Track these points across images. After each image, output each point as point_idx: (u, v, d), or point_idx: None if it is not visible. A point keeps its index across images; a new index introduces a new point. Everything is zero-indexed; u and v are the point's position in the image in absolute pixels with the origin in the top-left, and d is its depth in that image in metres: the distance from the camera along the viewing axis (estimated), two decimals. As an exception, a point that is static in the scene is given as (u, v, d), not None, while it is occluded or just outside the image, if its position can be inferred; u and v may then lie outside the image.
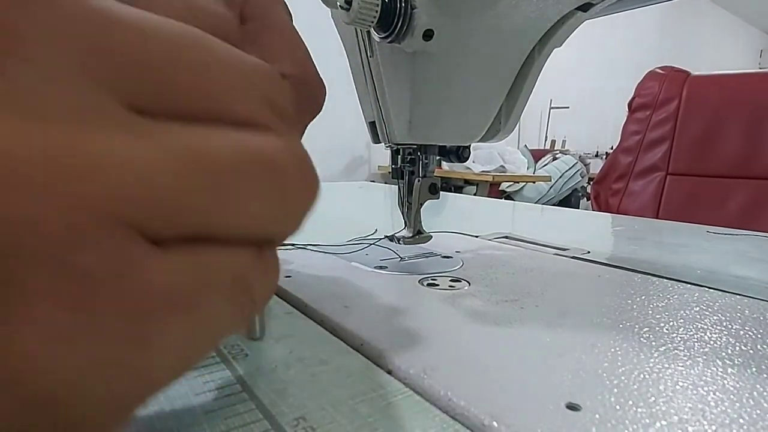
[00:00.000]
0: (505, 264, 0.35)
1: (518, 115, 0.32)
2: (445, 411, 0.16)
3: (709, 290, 0.30)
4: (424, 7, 0.25)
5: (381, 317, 0.24)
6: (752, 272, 0.38)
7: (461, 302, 0.26)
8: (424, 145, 0.32)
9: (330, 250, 0.38)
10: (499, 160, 2.57)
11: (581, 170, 2.98)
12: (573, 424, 0.15)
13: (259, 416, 0.15)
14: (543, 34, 0.30)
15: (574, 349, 0.20)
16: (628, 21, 4.68)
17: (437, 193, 0.33)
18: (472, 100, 0.30)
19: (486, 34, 0.28)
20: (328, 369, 0.19)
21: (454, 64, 0.28)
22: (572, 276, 0.33)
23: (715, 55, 5.56)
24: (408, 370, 0.18)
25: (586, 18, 0.30)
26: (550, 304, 0.26)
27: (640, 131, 1.08)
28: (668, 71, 1.08)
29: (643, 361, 0.19)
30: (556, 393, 0.17)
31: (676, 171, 1.02)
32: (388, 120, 0.31)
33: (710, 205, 0.97)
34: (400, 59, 0.28)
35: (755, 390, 0.17)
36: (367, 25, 0.25)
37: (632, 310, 0.26)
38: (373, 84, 0.31)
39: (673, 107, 1.04)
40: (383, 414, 0.16)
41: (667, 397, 0.17)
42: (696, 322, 0.24)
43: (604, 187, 1.12)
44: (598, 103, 4.67)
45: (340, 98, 0.85)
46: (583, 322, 0.24)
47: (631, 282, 0.31)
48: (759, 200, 0.93)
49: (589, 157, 3.43)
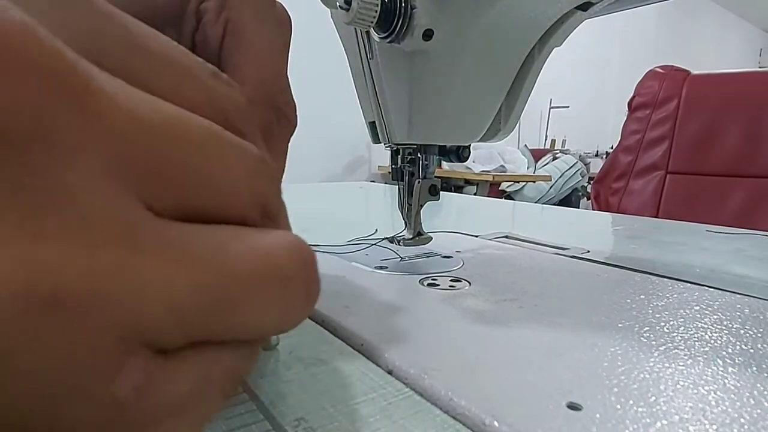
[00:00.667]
0: (505, 263, 0.35)
1: (518, 114, 0.32)
2: (445, 411, 0.16)
3: (708, 289, 0.30)
4: (424, 6, 0.25)
5: (381, 317, 0.24)
6: (752, 271, 0.38)
7: (461, 302, 0.26)
8: (424, 145, 0.32)
9: (330, 250, 0.38)
10: (499, 159, 2.57)
11: (581, 170, 2.98)
12: (574, 423, 0.15)
13: (260, 417, 0.16)
14: (543, 34, 0.30)
15: (574, 348, 0.20)
16: (628, 20, 4.68)
17: (437, 194, 0.33)
18: (472, 99, 0.30)
19: (486, 33, 0.28)
20: (328, 369, 0.19)
21: (453, 63, 0.28)
22: (572, 275, 0.33)
23: (714, 54, 5.56)
24: (408, 370, 0.18)
25: (585, 17, 0.30)
26: (550, 303, 0.26)
27: (639, 130, 1.08)
28: (668, 70, 1.08)
29: (644, 361, 0.19)
30: (556, 392, 0.17)
31: (675, 170, 1.02)
32: (388, 120, 0.31)
33: (710, 203, 0.97)
34: (400, 59, 0.28)
35: (756, 389, 0.17)
36: (366, 25, 0.25)
37: (632, 309, 0.26)
38: (372, 84, 0.31)
39: (673, 106, 1.04)
40: (384, 414, 0.16)
41: (667, 396, 0.17)
42: (696, 321, 0.24)
43: (604, 186, 1.12)
44: (597, 102, 4.67)
45: (340, 98, 0.85)
46: (583, 321, 0.24)
47: (631, 281, 0.31)
48: (758, 199, 0.93)
49: (589, 156, 3.43)
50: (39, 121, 0.07)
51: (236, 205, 0.10)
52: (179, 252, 0.09)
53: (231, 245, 0.10)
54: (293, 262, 0.11)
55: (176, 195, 0.09)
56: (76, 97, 0.08)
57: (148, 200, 0.09)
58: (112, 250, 0.08)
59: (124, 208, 0.08)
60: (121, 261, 0.08)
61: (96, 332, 0.08)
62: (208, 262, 0.09)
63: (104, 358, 0.08)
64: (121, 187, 0.08)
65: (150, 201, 0.09)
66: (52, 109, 0.07)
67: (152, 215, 0.09)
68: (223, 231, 0.10)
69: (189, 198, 0.09)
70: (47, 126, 0.07)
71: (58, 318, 0.07)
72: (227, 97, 0.12)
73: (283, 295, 0.10)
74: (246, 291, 0.10)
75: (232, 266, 0.09)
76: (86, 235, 0.08)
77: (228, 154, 0.10)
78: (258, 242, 0.10)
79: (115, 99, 0.08)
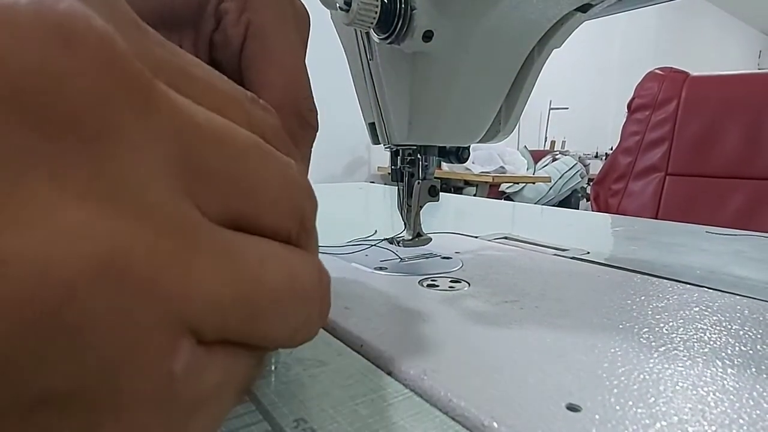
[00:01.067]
0: (504, 264, 0.35)
1: (518, 115, 0.32)
2: (445, 412, 0.16)
3: (708, 290, 0.30)
4: (424, 8, 0.25)
5: (381, 318, 0.24)
6: (751, 272, 0.38)
7: (461, 303, 0.26)
8: (423, 146, 0.32)
9: (330, 251, 0.38)
10: (498, 160, 2.57)
11: (581, 171, 2.98)
12: (573, 424, 0.15)
13: (260, 418, 0.16)
14: (542, 35, 0.30)
15: (574, 349, 0.20)
16: (628, 22, 4.68)
17: (437, 195, 0.33)
18: (472, 100, 0.30)
19: (485, 35, 0.28)
20: (328, 370, 0.19)
21: (453, 64, 0.28)
22: (572, 276, 0.33)
23: (714, 55, 5.57)
24: (408, 371, 0.18)
25: (585, 19, 0.30)
26: (549, 304, 0.26)
27: (639, 132, 1.08)
28: (667, 72, 1.09)
29: (643, 362, 0.19)
30: (556, 394, 0.17)
31: (675, 171, 1.03)
32: (388, 121, 0.31)
33: (709, 205, 0.97)
34: (400, 60, 0.28)
35: (755, 390, 0.17)
36: (366, 26, 0.25)
37: (632, 310, 0.26)
38: (372, 85, 0.31)
39: (672, 108, 1.04)
40: (383, 415, 0.16)
41: (667, 397, 0.17)
42: (695, 323, 0.24)
43: (604, 187, 1.13)
44: (597, 103, 4.67)
45: (340, 99, 0.85)
46: (583, 322, 0.24)
47: (631, 282, 0.31)
48: (758, 201, 0.93)
49: (588, 157, 3.43)
50: (111, 115, 0.08)
51: (277, 216, 0.11)
52: (228, 258, 0.09)
53: (268, 260, 0.10)
54: (314, 284, 0.12)
55: (223, 200, 0.10)
56: (142, 95, 0.08)
57: (198, 202, 0.09)
58: (172, 240, 0.08)
59: (182, 205, 0.09)
60: (179, 253, 0.09)
61: (158, 311, 0.08)
62: (251, 274, 0.10)
63: (164, 336, 0.08)
64: (178, 185, 0.09)
65: (200, 203, 0.09)
66: (122, 105, 0.08)
67: (204, 217, 0.09)
68: (263, 245, 0.11)
69: (234, 204, 0.10)
70: (118, 120, 0.08)
71: (128, 293, 0.08)
72: (264, 120, 0.12)
73: (301, 313, 0.11)
74: (273, 304, 0.10)
75: (268, 280, 0.10)
76: (151, 222, 0.08)
77: (271, 166, 0.11)
78: (289, 261, 0.11)
79: (176, 102, 0.09)
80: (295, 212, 0.12)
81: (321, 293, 0.12)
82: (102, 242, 0.07)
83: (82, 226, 0.07)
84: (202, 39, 0.19)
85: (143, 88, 0.08)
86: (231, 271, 0.09)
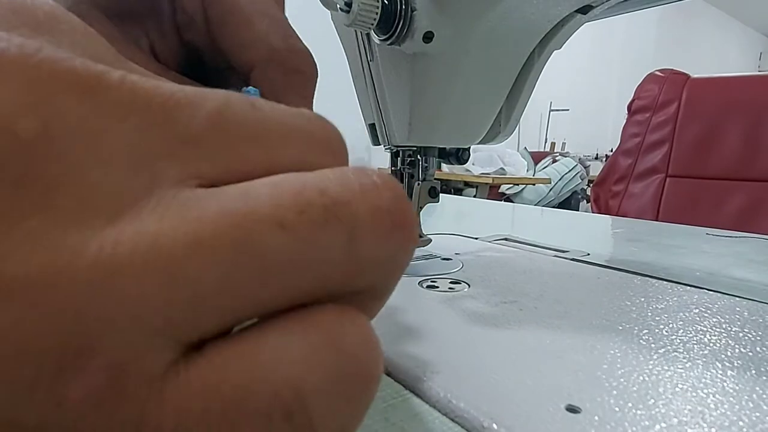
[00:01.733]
0: (504, 266, 0.35)
1: (518, 117, 0.32)
2: (444, 413, 0.16)
3: (708, 292, 0.30)
4: (425, 9, 0.25)
5: (380, 319, 0.24)
6: (751, 274, 0.38)
7: (461, 304, 0.26)
8: (423, 147, 0.32)
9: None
10: (498, 162, 2.57)
11: (581, 172, 2.98)
12: (572, 426, 0.15)
13: (259, 418, 0.15)
14: (543, 37, 0.30)
15: (573, 350, 0.20)
16: (628, 23, 4.69)
17: (437, 196, 0.33)
18: (472, 102, 0.30)
19: (486, 36, 0.28)
20: (327, 371, 0.19)
21: (454, 66, 0.28)
22: (572, 278, 0.33)
23: (714, 57, 5.57)
24: (407, 372, 0.18)
25: (585, 20, 0.30)
26: (549, 305, 0.26)
27: (639, 133, 1.08)
28: (668, 74, 1.09)
29: (643, 363, 0.19)
30: (555, 395, 0.17)
31: (675, 173, 1.03)
32: (388, 122, 0.31)
33: (709, 207, 0.97)
34: (400, 61, 0.28)
35: (755, 392, 0.17)
36: (367, 27, 0.25)
37: (632, 311, 0.26)
38: (373, 86, 0.31)
39: (673, 110, 1.04)
40: (382, 416, 0.16)
41: (666, 399, 0.17)
42: (695, 324, 0.24)
43: (604, 189, 1.13)
44: (597, 105, 4.67)
45: (340, 100, 0.85)
46: (583, 323, 0.24)
47: (631, 284, 0.31)
48: (758, 202, 0.93)
49: (588, 159, 3.44)
50: (49, 120, 0.08)
51: (296, 151, 0.11)
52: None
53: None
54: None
55: (219, 158, 0.09)
56: (88, 84, 0.08)
57: (194, 168, 0.09)
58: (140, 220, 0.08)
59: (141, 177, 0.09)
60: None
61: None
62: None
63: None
64: (161, 151, 0.09)
65: (197, 168, 0.09)
66: (61, 101, 0.08)
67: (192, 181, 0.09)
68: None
69: (231, 161, 0.10)
70: (58, 123, 0.08)
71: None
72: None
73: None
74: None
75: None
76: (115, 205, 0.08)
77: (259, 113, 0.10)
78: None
79: (138, 80, 0.09)
80: (324, 145, 0.11)
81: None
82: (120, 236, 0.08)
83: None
84: (167, 26, 0.19)
85: (89, 78, 0.08)
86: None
